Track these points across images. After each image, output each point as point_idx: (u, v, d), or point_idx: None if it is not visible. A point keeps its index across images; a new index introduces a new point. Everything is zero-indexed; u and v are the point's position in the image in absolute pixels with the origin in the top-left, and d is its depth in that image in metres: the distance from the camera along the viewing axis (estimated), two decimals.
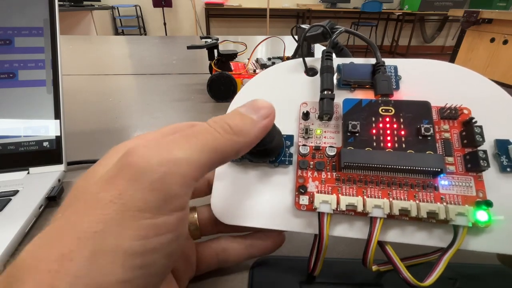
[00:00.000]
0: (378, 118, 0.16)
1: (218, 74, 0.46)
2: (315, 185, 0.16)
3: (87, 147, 0.33)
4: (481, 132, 0.15)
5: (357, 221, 0.15)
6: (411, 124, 0.16)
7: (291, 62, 0.20)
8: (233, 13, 3.96)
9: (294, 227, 0.16)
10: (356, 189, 0.15)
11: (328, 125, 0.17)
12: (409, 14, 3.92)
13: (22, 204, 0.23)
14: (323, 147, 0.17)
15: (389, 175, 0.15)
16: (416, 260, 0.16)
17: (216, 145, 0.12)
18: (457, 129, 0.16)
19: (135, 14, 3.81)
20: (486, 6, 2.96)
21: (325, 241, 0.15)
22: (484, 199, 0.14)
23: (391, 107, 0.16)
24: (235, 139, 0.12)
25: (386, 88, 0.17)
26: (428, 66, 0.18)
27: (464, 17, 2.38)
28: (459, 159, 0.15)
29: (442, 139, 0.16)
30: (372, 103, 0.16)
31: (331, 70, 0.18)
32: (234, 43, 0.55)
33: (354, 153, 0.15)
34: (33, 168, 0.27)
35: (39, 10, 0.28)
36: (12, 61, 0.27)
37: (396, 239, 0.15)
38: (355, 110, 0.16)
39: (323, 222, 0.15)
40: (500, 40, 2.21)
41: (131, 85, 0.57)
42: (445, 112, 0.16)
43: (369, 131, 0.16)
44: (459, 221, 0.14)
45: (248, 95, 0.19)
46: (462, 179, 0.15)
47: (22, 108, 0.27)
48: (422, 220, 0.14)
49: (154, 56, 0.83)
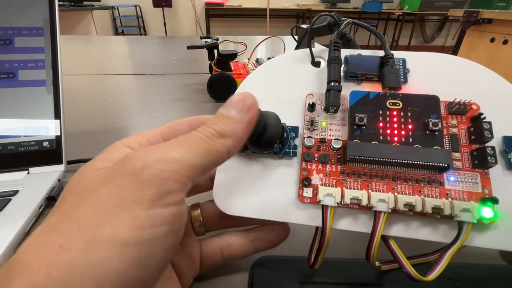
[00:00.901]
0: (386, 111, 0.16)
1: (218, 74, 0.46)
2: (319, 178, 0.16)
3: (87, 147, 0.33)
4: (490, 128, 0.14)
5: (361, 214, 0.15)
6: (419, 118, 0.15)
7: (297, 52, 0.19)
8: (233, 13, 3.96)
9: (297, 220, 0.16)
10: (361, 183, 0.15)
11: (334, 117, 0.17)
12: (409, 14, 3.93)
13: (22, 204, 0.23)
14: (328, 140, 0.16)
15: (395, 170, 0.15)
16: (416, 260, 0.16)
17: (206, 149, 0.12)
18: (465, 124, 0.16)
19: (135, 14, 3.81)
20: (486, 6, 2.96)
21: (328, 234, 0.15)
22: (490, 196, 0.14)
23: (399, 100, 0.16)
24: (222, 142, 0.13)
25: (394, 81, 0.17)
26: (437, 59, 0.17)
27: (464, 17, 2.38)
28: (466, 155, 0.15)
29: (449, 135, 0.15)
30: (379, 96, 0.16)
31: (338, 61, 0.17)
32: (234, 43, 0.55)
33: (360, 146, 0.15)
34: (33, 168, 0.27)
35: (39, 10, 0.28)
36: (12, 61, 0.27)
37: (400, 234, 0.15)
38: (362, 103, 0.16)
39: (327, 215, 0.15)
40: (500, 40, 2.21)
41: (131, 85, 0.57)
42: (453, 107, 0.16)
43: (376, 124, 0.16)
44: (464, 217, 0.14)
45: (253, 85, 0.19)
46: (468, 175, 0.15)
47: (22, 108, 0.27)
48: (427, 215, 0.14)
49: (154, 56, 0.83)
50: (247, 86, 0.19)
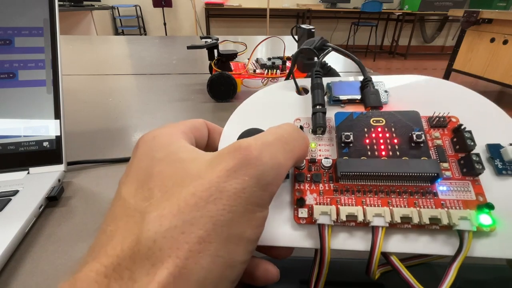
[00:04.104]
0: (370, 128, 0.17)
1: (218, 74, 0.46)
2: (313, 197, 0.16)
3: (87, 147, 0.33)
4: (471, 136, 0.15)
5: (359, 231, 0.15)
6: (403, 132, 0.16)
7: (283, 83, 0.21)
8: (233, 13, 3.96)
9: (294, 242, 0.15)
10: (355, 199, 0.15)
11: (321, 138, 0.18)
12: (409, 14, 3.93)
13: (22, 204, 0.23)
14: (318, 160, 0.17)
15: (387, 184, 0.15)
16: (417, 261, 0.16)
17: (299, 153, 0.14)
18: (448, 136, 0.16)
19: (135, 14, 3.81)
20: (486, 6, 2.96)
21: (327, 254, 0.14)
22: (485, 202, 0.14)
23: (382, 117, 0.17)
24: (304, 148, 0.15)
25: (376, 100, 0.18)
26: (413, 81, 0.19)
27: (464, 17, 2.38)
28: (454, 165, 0.16)
29: (434, 146, 0.16)
30: (363, 115, 0.17)
31: (321, 87, 0.19)
32: (234, 43, 0.55)
33: (349, 162, 0.15)
34: (33, 168, 0.27)
35: (39, 10, 0.28)
36: (12, 61, 0.27)
37: (400, 249, 0.14)
38: (347, 122, 0.17)
39: (324, 234, 0.15)
40: (500, 40, 2.21)
41: (131, 85, 0.57)
42: (434, 120, 0.17)
43: (363, 141, 0.16)
44: (463, 226, 0.14)
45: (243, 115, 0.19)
46: (460, 184, 0.15)
47: (22, 108, 0.27)
48: (425, 227, 0.14)
49: (154, 56, 0.83)
50: (239, 114, 0.19)
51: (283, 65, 0.50)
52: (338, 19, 4.32)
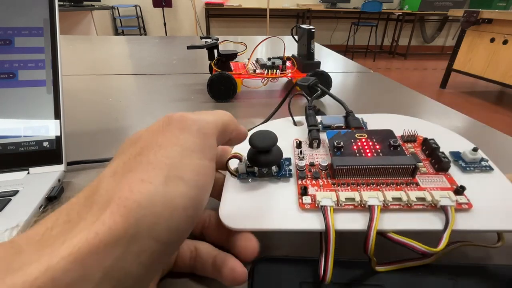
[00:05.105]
0: (356, 140, 0.21)
1: (218, 74, 0.46)
2: (314, 190, 0.18)
3: (87, 147, 0.33)
4: (436, 142, 0.21)
5: (357, 213, 0.17)
6: (382, 140, 0.21)
7: (281, 120, 0.28)
8: (233, 13, 3.96)
9: (300, 225, 0.17)
10: (351, 190, 0.18)
11: (317, 151, 0.22)
12: (409, 14, 3.93)
13: (22, 204, 0.23)
14: (317, 164, 0.21)
15: (376, 178, 0.19)
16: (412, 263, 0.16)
17: (225, 120, 0.16)
18: (418, 147, 0.22)
19: (135, 14, 3.81)
20: (486, 6, 2.97)
21: (332, 234, 0.15)
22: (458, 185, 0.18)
23: (364, 133, 0.22)
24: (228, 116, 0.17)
25: (358, 123, 0.25)
26: (387, 117, 0.26)
27: (464, 17, 2.38)
28: (428, 164, 0.20)
29: (410, 152, 0.21)
30: (348, 132, 0.22)
31: (314, 115, 0.25)
32: (234, 43, 0.55)
33: (343, 158, 0.20)
34: (33, 168, 0.27)
35: (39, 10, 0.28)
36: (12, 61, 0.27)
37: (395, 227, 0.16)
38: (337, 136, 0.22)
39: (327, 214, 0.16)
40: (500, 40, 2.21)
41: (131, 85, 0.57)
42: (405, 137, 0.23)
43: (351, 147, 0.21)
44: (445, 202, 0.16)
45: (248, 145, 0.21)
46: (435, 178, 0.19)
47: (22, 108, 0.27)
48: (414, 206, 0.17)
49: (154, 56, 0.83)
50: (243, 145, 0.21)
51: (283, 65, 0.50)
52: (338, 19, 4.33)
